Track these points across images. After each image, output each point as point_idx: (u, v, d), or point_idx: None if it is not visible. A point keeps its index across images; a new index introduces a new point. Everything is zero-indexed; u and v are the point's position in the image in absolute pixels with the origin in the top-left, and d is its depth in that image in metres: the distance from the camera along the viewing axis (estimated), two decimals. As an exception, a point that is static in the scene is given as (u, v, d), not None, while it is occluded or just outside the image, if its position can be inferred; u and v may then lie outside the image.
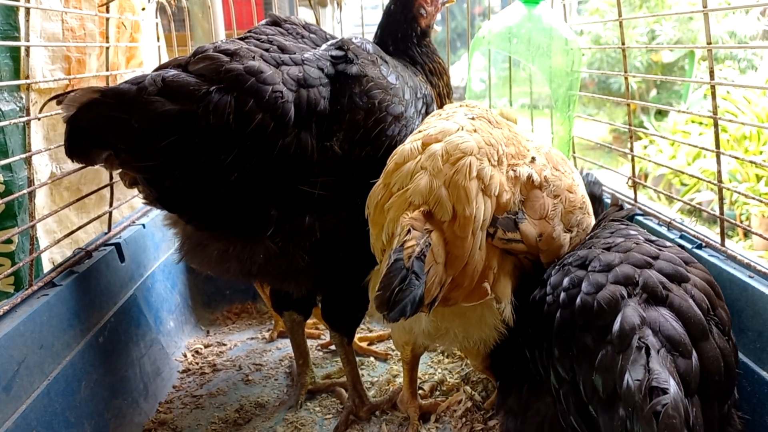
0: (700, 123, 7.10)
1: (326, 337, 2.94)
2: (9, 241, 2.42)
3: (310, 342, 2.89)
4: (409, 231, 1.51)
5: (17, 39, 2.32)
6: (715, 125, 2.06)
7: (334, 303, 2.27)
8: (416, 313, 1.45)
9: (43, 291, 2.04)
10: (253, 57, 1.82)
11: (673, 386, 1.25)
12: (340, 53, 2.01)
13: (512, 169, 1.79)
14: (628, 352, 1.34)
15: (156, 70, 1.78)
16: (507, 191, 1.73)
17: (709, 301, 1.49)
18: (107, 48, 2.63)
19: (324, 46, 2.08)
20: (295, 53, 1.95)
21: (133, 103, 1.64)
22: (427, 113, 2.24)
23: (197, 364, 2.76)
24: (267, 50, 1.90)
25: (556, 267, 1.70)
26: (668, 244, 1.71)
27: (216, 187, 1.79)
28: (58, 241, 2.33)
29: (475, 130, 1.78)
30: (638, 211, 1.94)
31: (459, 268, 1.59)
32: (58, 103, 2.32)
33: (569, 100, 2.93)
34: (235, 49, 1.81)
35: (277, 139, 1.79)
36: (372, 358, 2.75)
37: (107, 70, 2.65)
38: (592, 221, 2.00)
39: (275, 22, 2.21)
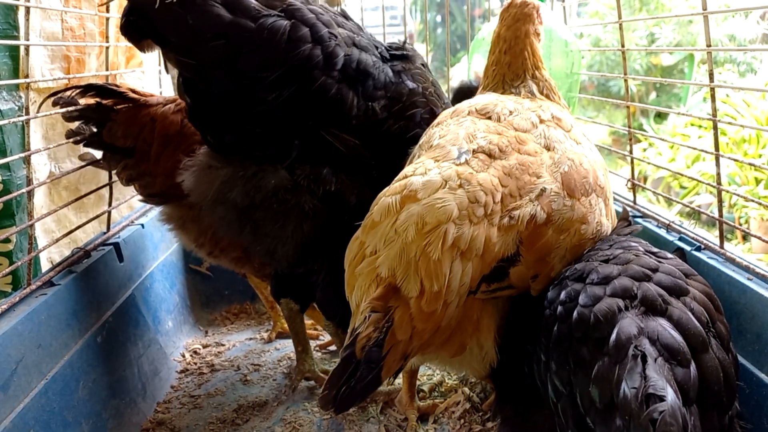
0: (700, 126, 7.10)
1: (325, 337, 2.94)
2: (7, 240, 2.42)
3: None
4: (366, 317, 1.44)
5: (17, 38, 2.32)
6: (715, 127, 2.06)
7: (329, 285, 2.22)
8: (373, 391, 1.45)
9: (42, 290, 2.03)
10: (312, 10, 1.97)
11: (670, 394, 1.24)
12: (396, 45, 2.23)
13: (509, 215, 1.59)
14: (624, 361, 1.32)
15: None
16: (496, 243, 1.56)
17: (708, 314, 1.47)
18: (107, 48, 2.63)
19: (385, 43, 2.27)
20: (351, 30, 2.11)
21: (194, 2, 1.78)
22: None
23: (195, 364, 2.76)
24: (330, 15, 2.05)
25: (554, 282, 1.64)
26: (669, 255, 1.65)
27: (251, 104, 1.91)
28: (57, 240, 2.32)
29: (460, 185, 1.58)
30: (640, 228, 1.85)
31: (429, 336, 1.50)
32: (55, 103, 2.33)
33: (569, 102, 2.93)
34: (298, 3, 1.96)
35: (321, 76, 1.91)
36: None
37: (107, 69, 2.66)
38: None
39: (343, 15, 2.27)
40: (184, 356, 2.81)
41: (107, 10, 2.55)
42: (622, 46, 2.64)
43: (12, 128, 2.38)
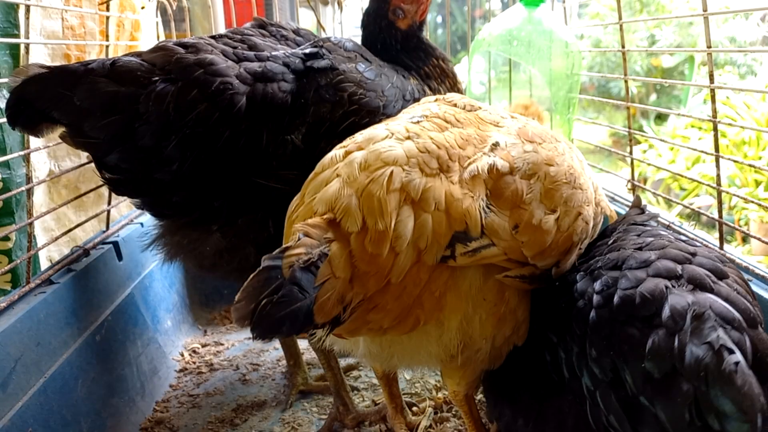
0: (699, 128, 7.10)
1: (324, 337, 2.93)
2: (6, 239, 2.42)
3: (306, 343, 2.88)
4: (298, 238, 1.26)
5: (17, 36, 2.32)
6: (715, 129, 2.06)
7: None
8: (301, 332, 1.24)
9: (41, 288, 2.03)
10: (211, 51, 1.85)
11: (738, 350, 1.24)
12: (313, 50, 2.01)
13: (468, 170, 1.48)
14: (684, 328, 1.31)
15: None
16: (463, 196, 1.43)
17: (750, 296, 1.48)
18: (107, 46, 2.63)
19: (303, 46, 2.08)
20: (264, 51, 1.97)
21: (78, 81, 1.69)
22: None
23: (194, 363, 2.76)
24: (233, 48, 1.93)
25: (581, 273, 1.58)
26: (698, 243, 1.63)
27: (158, 173, 1.80)
28: (56, 238, 2.32)
29: (408, 137, 1.51)
30: (659, 215, 1.83)
31: (374, 288, 1.33)
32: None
33: (569, 103, 2.93)
34: (193, 43, 1.86)
35: (224, 130, 1.80)
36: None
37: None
38: (590, 196, 1.71)
39: (261, 25, 2.21)
40: (183, 355, 2.81)
41: (107, 9, 2.55)
42: (623, 47, 2.64)
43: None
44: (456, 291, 1.45)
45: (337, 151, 1.54)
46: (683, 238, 1.66)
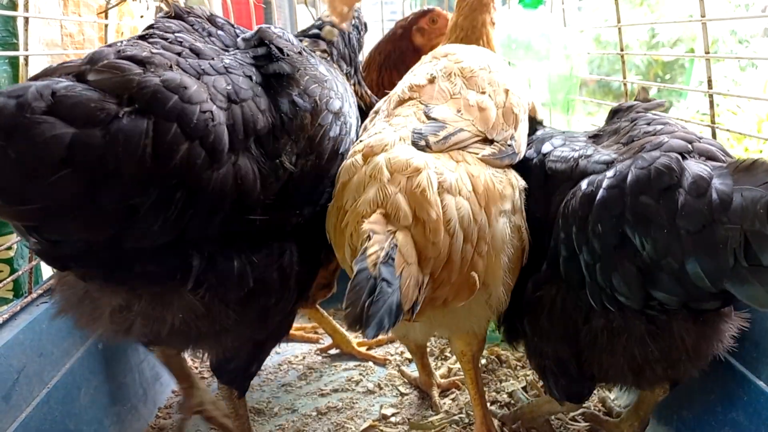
0: (701, 120, 7.08)
1: (325, 341, 2.95)
2: (8, 248, 2.43)
3: (308, 347, 2.90)
4: (369, 237, 1.35)
5: (16, 45, 2.32)
6: (713, 134, 2.06)
7: (235, 356, 1.88)
8: (398, 323, 1.32)
9: (43, 298, 2.05)
10: (170, 66, 1.42)
11: None
12: (262, 51, 1.68)
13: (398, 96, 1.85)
14: (710, 188, 1.39)
15: (37, 77, 1.33)
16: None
17: None
18: (106, 53, 2.63)
19: (242, 45, 1.75)
20: (213, 58, 1.57)
21: (11, 124, 1.18)
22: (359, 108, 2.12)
23: (196, 368, 2.77)
24: (180, 54, 1.50)
25: (592, 165, 1.69)
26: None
27: (132, 240, 1.38)
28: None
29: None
30: (666, 103, 1.94)
31: (439, 267, 1.47)
32: None
33: (568, 105, 2.93)
34: (145, 56, 1.39)
35: (212, 173, 1.41)
36: (371, 363, 2.76)
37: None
38: (506, 72, 1.95)
39: (178, 15, 1.79)
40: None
41: (106, 17, 2.55)
42: (622, 49, 2.64)
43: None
44: (495, 248, 1.61)
45: (354, 157, 1.64)
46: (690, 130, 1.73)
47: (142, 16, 2.90)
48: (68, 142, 1.21)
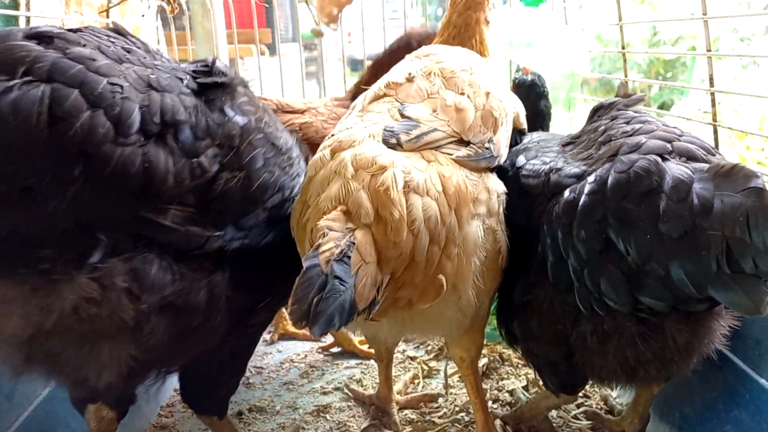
0: (703, 118, 7.07)
1: (326, 339, 2.95)
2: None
3: (309, 345, 2.90)
4: (324, 234, 1.32)
5: (18, 44, 2.32)
6: (715, 132, 2.06)
7: (195, 383, 1.87)
8: (349, 322, 1.28)
9: (45, 297, 2.04)
10: (84, 45, 1.36)
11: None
12: (204, 68, 1.62)
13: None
14: (690, 192, 1.38)
15: None
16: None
17: None
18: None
19: (184, 65, 1.66)
20: (145, 58, 1.52)
21: None
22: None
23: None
24: (108, 46, 1.44)
25: (573, 170, 1.68)
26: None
27: (25, 221, 1.30)
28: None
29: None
30: (645, 97, 1.92)
31: (401, 267, 1.43)
32: None
33: (569, 103, 2.93)
34: (57, 33, 1.35)
35: (115, 147, 1.32)
36: (372, 362, 2.76)
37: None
38: (488, 76, 1.91)
39: (117, 31, 1.63)
40: (187, 358, 2.82)
41: (107, 16, 2.56)
42: (623, 47, 2.64)
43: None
44: (466, 251, 1.58)
45: (323, 152, 1.58)
46: (672, 125, 1.71)
47: (143, 15, 2.91)
48: None
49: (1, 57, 1.23)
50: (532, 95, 2.45)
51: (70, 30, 1.43)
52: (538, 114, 2.43)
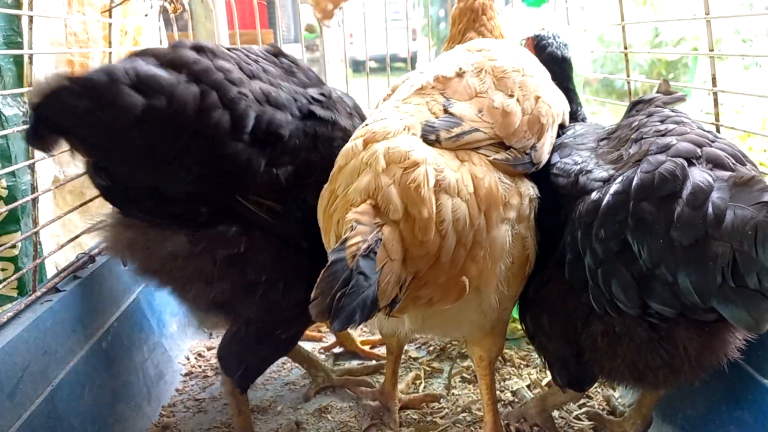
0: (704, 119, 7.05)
1: (329, 339, 2.95)
2: (12, 246, 2.44)
3: (311, 345, 2.90)
4: (352, 227, 1.32)
5: (20, 44, 2.33)
6: (717, 131, 2.06)
7: (235, 337, 2.04)
8: (370, 318, 1.29)
9: (47, 297, 2.05)
10: (227, 59, 1.80)
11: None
12: (320, 97, 1.97)
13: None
14: (707, 201, 1.36)
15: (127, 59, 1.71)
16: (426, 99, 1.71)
17: None
18: (110, 53, 2.64)
19: (311, 90, 2.02)
20: (276, 78, 1.92)
21: (103, 94, 1.55)
22: None
23: (200, 367, 2.77)
24: (248, 64, 1.87)
25: (601, 173, 1.66)
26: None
27: (166, 183, 1.72)
28: (62, 246, 2.34)
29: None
30: (685, 96, 1.91)
31: (426, 267, 1.43)
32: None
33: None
34: (211, 48, 1.79)
35: (230, 142, 1.71)
36: (374, 362, 2.76)
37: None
38: (540, 76, 1.92)
39: (274, 53, 2.11)
40: (188, 359, 2.82)
41: (110, 16, 2.56)
42: (625, 48, 2.63)
43: (16, 134, 2.39)
44: (493, 255, 1.57)
45: (355, 141, 1.57)
46: (705, 128, 1.68)
47: (146, 15, 2.91)
48: (141, 109, 1.57)
49: (175, 58, 1.69)
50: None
51: (223, 46, 1.89)
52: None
